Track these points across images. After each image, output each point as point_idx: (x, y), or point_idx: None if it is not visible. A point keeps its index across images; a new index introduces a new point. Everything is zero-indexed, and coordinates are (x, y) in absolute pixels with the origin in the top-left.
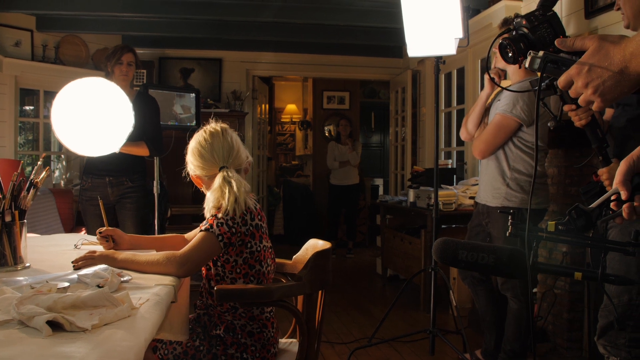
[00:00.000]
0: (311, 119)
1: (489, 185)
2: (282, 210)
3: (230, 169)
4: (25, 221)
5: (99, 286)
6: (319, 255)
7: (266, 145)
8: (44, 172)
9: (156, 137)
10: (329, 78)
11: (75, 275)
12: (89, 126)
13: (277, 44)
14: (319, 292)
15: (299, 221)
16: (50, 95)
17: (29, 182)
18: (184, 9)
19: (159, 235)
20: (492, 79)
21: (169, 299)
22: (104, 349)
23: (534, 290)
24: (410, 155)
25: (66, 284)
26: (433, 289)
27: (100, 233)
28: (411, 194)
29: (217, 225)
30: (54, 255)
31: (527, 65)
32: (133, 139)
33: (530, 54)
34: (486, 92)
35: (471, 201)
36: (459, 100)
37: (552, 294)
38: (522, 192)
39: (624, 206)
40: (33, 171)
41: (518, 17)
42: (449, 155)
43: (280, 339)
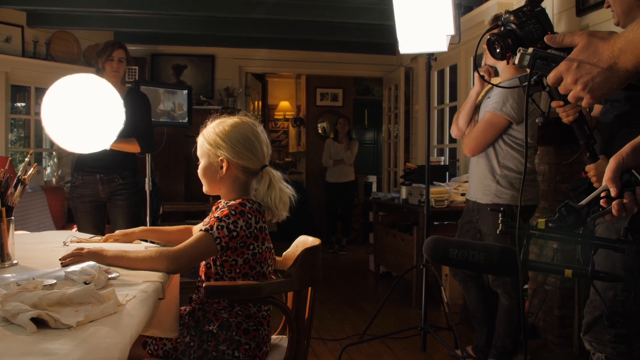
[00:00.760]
0: (304, 116)
1: (479, 183)
2: None
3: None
4: (12, 218)
5: (85, 283)
6: (308, 251)
7: None
8: (31, 168)
9: (147, 134)
10: (322, 75)
11: (62, 272)
12: (79, 123)
13: (270, 41)
14: (308, 288)
15: (291, 218)
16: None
17: (16, 178)
18: (176, 5)
19: (168, 228)
20: (482, 76)
21: (156, 295)
22: (88, 345)
23: (525, 286)
24: (403, 152)
25: (53, 281)
26: (424, 285)
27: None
28: (403, 191)
29: (217, 228)
30: (43, 252)
31: (516, 61)
32: (124, 135)
33: (519, 51)
34: (476, 89)
35: (463, 198)
36: (452, 97)
37: (543, 291)
38: (512, 189)
39: (614, 203)
40: (20, 168)
41: (506, 13)
42: (441, 152)
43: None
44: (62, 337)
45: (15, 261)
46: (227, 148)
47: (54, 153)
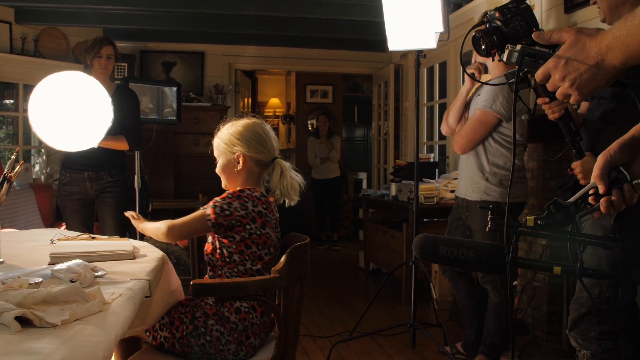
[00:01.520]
0: (294, 113)
1: (468, 180)
2: None
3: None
4: None
5: (72, 281)
6: (296, 249)
7: None
8: (18, 166)
9: (136, 131)
10: (312, 72)
11: (48, 271)
12: (66, 121)
13: (260, 38)
14: (296, 286)
15: (281, 215)
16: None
17: (2, 176)
18: (166, 1)
19: None
20: (472, 75)
21: (143, 293)
22: (72, 344)
23: (514, 283)
24: (393, 149)
25: (39, 279)
26: (414, 282)
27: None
28: (393, 187)
29: (211, 207)
30: (30, 250)
31: (504, 59)
32: (112, 133)
33: (508, 48)
34: (466, 87)
35: (453, 195)
36: (441, 94)
37: (532, 287)
38: (501, 186)
39: (602, 200)
40: (6, 165)
41: (492, 10)
42: (431, 149)
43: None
44: (46, 336)
45: (1, 259)
46: (242, 145)
47: (42, 150)
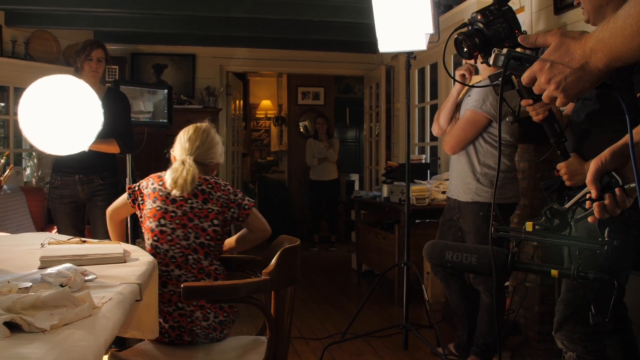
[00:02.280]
0: (286, 114)
1: (459, 181)
2: (258, 206)
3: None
4: None
5: (62, 285)
6: (287, 251)
7: (241, 142)
8: (8, 170)
9: (126, 134)
10: (304, 74)
11: (38, 275)
12: (57, 125)
13: (251, 40)
14: (287, 288)
15: (274, 217)
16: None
17: None
18: (157, 4)
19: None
20: (459, 78)
21: (133, 297)
22: (61, 349)
23: (506, 283)
24: (385, 150)
25: (28, 284)
26: (406, 284)
27: None
28: (385, 189)
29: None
30: (20, 254)
31: (491, 62)
32: (103, 136)
33: (494, 52)
34: (457, 88)
35: (444, 196)
36: (433, 95)
37: (524, 288)
38: (492, 187)
39: (594, 205)
40: None
41: (474, 12)
42: (422, 151)
43: (250, 335)
44: (35, 341)
45: None
46: (220, 154)
47: (33, 154)
